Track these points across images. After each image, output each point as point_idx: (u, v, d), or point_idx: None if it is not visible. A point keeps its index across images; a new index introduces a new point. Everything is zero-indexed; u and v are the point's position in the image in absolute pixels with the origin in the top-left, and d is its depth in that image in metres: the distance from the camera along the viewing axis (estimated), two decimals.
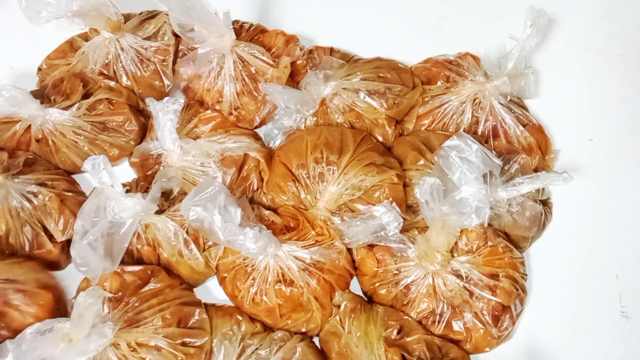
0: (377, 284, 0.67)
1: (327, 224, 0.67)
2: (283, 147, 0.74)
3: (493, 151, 0.66)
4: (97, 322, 0.57)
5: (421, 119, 0.77)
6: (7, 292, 0.61)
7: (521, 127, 0.76)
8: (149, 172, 0.73)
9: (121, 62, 0.78)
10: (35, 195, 0.68)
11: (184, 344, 0.61)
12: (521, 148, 0.75)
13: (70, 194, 0.71)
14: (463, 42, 0.84)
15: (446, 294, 0.64)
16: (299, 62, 0.80)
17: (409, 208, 0.71)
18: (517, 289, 0.65)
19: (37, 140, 0.74)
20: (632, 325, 0.70)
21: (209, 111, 0.77)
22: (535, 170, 0.74)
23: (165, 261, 0.67)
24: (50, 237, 0.68)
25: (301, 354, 0.63)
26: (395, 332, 0.63)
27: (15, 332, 0.59)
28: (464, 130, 0.76)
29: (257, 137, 0.78)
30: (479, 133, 0.76)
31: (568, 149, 0.79)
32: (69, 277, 0.69)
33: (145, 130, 0.78)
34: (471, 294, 0.64)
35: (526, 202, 0.69)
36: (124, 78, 0.78)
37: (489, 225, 0.67)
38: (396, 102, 0.75)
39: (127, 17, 0.81)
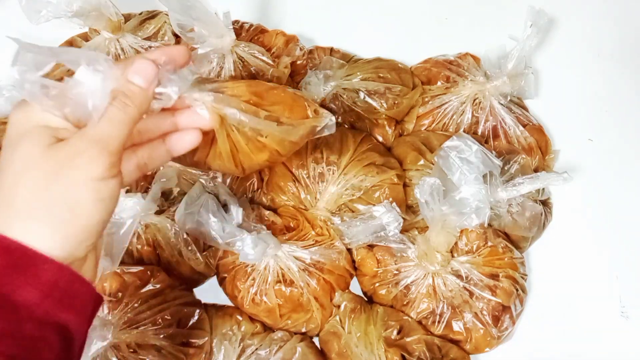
0: (377, 284, 0.67)
1: (327, 224, 0.67)
2: None
3: (493, 151, 0.66)
4: (97, 324, 0.57)
5: (421, 119, 0.77)
6: None
7: (521, 128, 0.76)
8: (149, 172, 0.73)
9: None
10: None
11: (183, 344, 0.61)
12: (521, 148, 0.75)
13: None
14: (463, 42, 0.84)
15: (446, 294, 0.64)
16: (299, 62, 0.80)
17: (409, 208, 0.71)
18: (517, 289, 0.65)
19: None
20: (632, 325, 0.70)
21: None
22: (535, 170, 0.74)
23: (165, 261, 0.67)
24: None
25: (301, 354, 0.63)
26: (395, 332, 0.63)
27: None
28: (464, 131, 0.76)
29: None
30: (479, 133, 0.76)
31: (568, 149, 0.79)
32: None
33: None
34: (471, 294, 0.64)
35: (526, 202, 0.69)
36: None
37: (489, 225, 0.67)
38: (396, 102, 0.75)
39: (127, 17, 0.81)
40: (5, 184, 0.36)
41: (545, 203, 0.73)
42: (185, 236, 0.66)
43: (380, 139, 0.76)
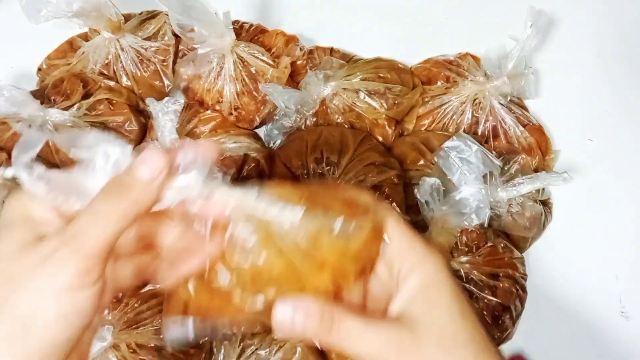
0: None
1: None
2: (283, 148, 0.74)
3: (493, 151, 0.66)
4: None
5: (421, 119, 0.77)
6: None
7: (521, 128, 0.76)
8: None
9: (121, 62, 0.78)
10: None
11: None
12: (521, 148, 0.75)
13: None
14: (463, 42, 0.84)
15: None
16: (299, 62, 0.80)
17: (409, 208, 0.71)
18: (517, 289, 0.65)
19: None
20: (632, 325, 0.70)
21: (209, 111, 0.77)
22: (535, 170, 0.74)
23: None
24: None
25: (301, 354, 0.63)
26: None
27: None
28: (464, 131, 0.76)
29: (257, 137, 0.78)
30: (479, 133, 0.76)
31: (568, 149, 0.79)
32: None
33: (145, 130, 0.78)
34: (471, 294, 0.64)
35: (526, 202, 0.69)
36: (124, 78, 0.78)
37: (489, 225, 0.67)
38: (396, 102, 0.75)
39: (127, 17, 0.81)
40: None
41: (545, 203, 0.73)
42: None
43: (380, 139, 0.76)
